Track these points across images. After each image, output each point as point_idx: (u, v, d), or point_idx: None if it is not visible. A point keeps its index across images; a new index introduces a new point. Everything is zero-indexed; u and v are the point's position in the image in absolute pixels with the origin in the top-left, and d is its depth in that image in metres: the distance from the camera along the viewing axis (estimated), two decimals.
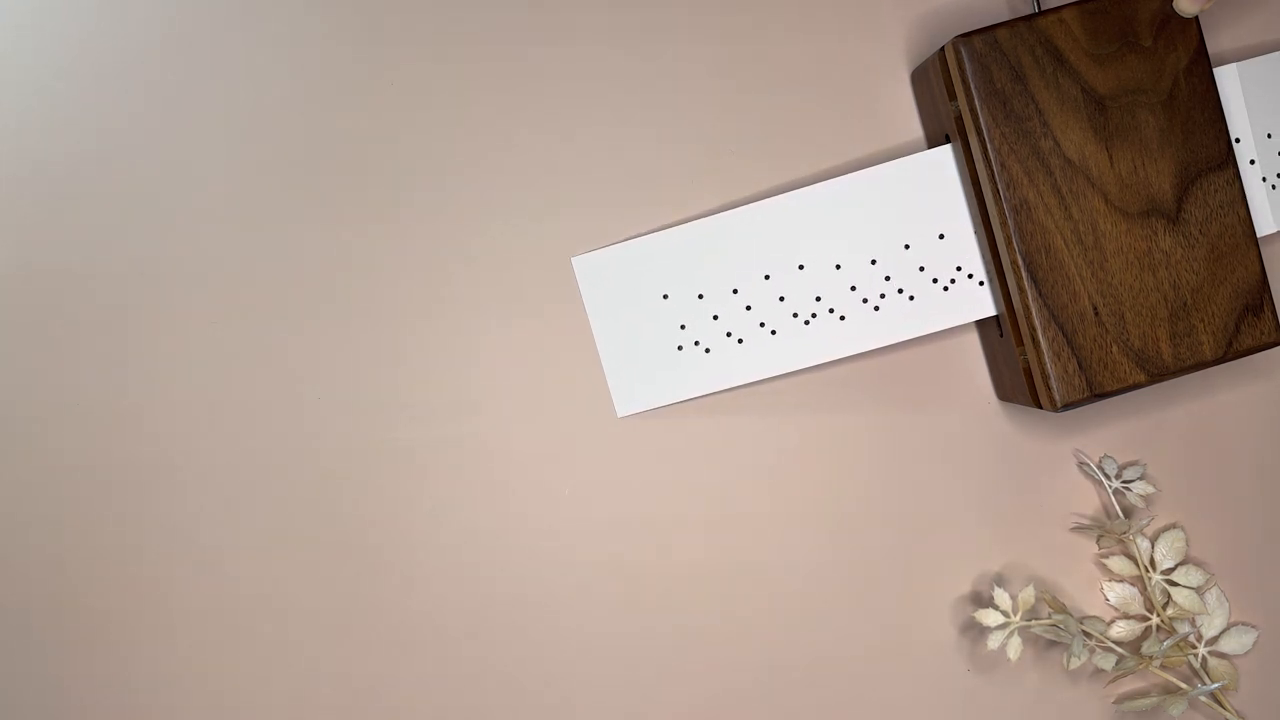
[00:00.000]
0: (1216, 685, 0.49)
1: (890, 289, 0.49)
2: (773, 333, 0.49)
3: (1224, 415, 0.53)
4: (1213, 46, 0.52)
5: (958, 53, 0.45)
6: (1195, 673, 0.52)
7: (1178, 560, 0.51)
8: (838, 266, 0.49)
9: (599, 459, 0.51)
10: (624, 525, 0.51)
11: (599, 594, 0.51)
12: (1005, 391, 0.51)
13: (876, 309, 0.49)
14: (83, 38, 0.48)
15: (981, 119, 0.45)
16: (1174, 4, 0.46)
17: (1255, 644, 0.52)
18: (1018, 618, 0.49)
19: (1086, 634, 0.50)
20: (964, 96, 0.46)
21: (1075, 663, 0.49)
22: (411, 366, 0.50)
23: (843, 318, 0.49)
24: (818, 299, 0.49)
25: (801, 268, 0.49)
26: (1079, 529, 0.52)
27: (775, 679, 0.52)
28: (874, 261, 0.49)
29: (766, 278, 0.49)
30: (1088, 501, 0.53)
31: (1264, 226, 0.50)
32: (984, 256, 0.49)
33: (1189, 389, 0.53)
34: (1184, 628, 0.51)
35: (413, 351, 0.50)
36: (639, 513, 0.51)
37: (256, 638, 0.50)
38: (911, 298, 0.49)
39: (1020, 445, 0.52)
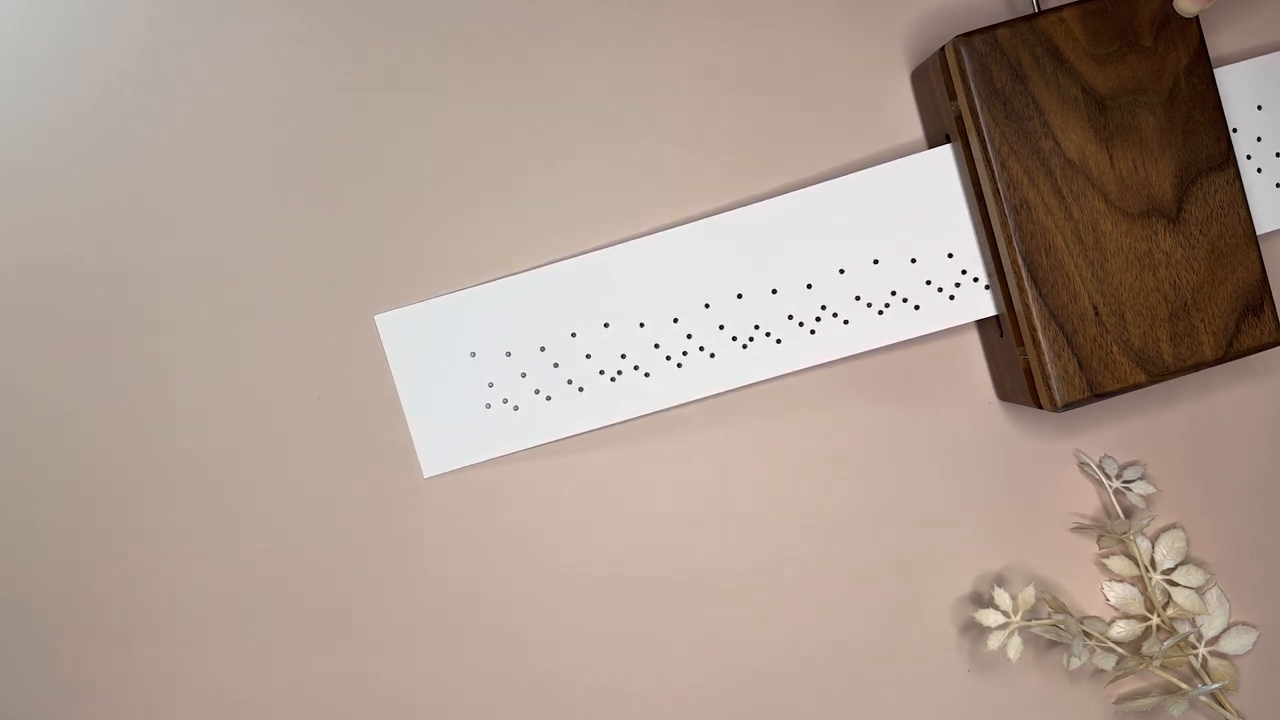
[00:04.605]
0: (1217, 685, 0.49)
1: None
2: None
3: (1224, 415, 0.53)
4: (1213, 46, 0.52)
5: (958, 52, 0.45)
6: (1195, 673, 0.52)
7: (1178, 560, 0.51)
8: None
9: (595, 459, 0.51)
10: (626, 526, 0.51)
11: (600, 593, 0.51)
12: (1005, 391, 0.51)
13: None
14: (81, 37, 0.48)
15: (981, 119, 0.45)
16: (1174, 4, 0.45)
17: (1255, 644, 0.52)
18: (1018, 618, 0.49)
19: (1087, 634, 0.50)
20: (964, 96, 0.46)
21: (1075, 663, 0.48)
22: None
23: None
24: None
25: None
26: (1079, 529, 0.52)
27: (774, 678, 0.52)
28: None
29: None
30: (1088, 501, 0.52)
31: (1264, 226, 0.50)
32: (984, 256, 0.48)
33: (1189, 389, 0.53)
34: (1184, 628, 0.51)
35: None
36: (643, 514, 0.51)
37: (256, 637, 0.50)
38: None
39: (1020, 445, 0.52)
